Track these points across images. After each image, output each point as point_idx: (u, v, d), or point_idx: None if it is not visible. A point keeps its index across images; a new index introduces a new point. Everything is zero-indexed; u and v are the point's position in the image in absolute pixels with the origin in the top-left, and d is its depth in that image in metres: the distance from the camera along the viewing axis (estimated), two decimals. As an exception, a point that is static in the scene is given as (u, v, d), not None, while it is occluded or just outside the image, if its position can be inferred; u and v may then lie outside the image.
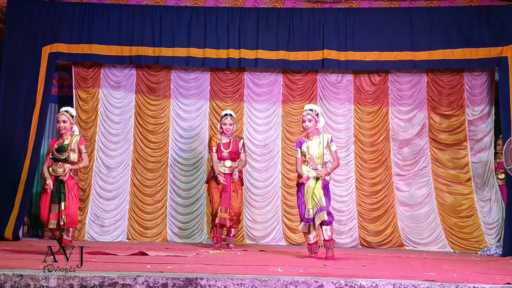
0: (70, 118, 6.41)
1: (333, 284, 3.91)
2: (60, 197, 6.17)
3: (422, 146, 9.21)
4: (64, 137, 6.37)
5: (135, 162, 9.25)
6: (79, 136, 6.44)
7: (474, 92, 9.16)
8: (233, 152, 7.78)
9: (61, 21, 8.86)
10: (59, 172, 6.24)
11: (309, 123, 6.41)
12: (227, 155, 7.75)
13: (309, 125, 6.41)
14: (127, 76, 9.41)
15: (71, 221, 6.16)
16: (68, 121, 6.38)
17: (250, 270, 4.52)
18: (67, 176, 6.21)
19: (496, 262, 6.79)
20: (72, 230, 6.21)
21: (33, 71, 8.65)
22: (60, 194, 6.18)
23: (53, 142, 6.42)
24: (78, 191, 6.54)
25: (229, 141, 7.83)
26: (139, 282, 3.86)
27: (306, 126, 6.43)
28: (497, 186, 8.92)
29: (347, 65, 8.97)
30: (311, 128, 6.42)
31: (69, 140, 6.35)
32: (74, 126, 6.48)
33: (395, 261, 6.35)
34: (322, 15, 8.97)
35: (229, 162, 7.76)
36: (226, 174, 7.70)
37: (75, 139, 6.37)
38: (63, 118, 6.35)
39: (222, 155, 7.76)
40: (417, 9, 9.00)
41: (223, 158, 7.77)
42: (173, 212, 9.16)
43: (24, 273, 3.91)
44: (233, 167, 7.75)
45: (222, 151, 7.77)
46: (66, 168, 6.24)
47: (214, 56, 8.92)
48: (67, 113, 6.41)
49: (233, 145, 7.79)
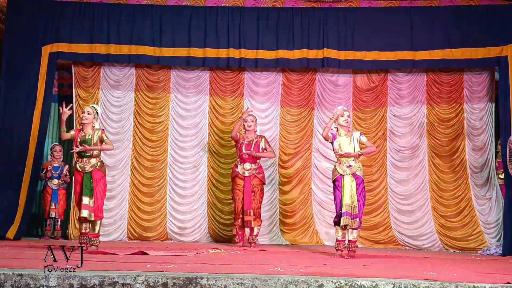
0: (95, 112, 6.65)
1: (333, 284, 3.92)
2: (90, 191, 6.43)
3: (420, 145, 9.20)
4: (86, 130, 6.55)
5: (134, 161, 9.25)
6: (100, 130, 6.63)
7: (474, 90, 9.15)
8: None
9: (61, 21, 8.85)
10: (87, 169, 6.46)
11: (349, 119, 6.72)
12: (246, 157, 7.85)
13: (348, 120, 6.72)
14: (127, 75, 9.40)
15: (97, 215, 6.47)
16: (92, 114, 6.61)
17: (250, 270, 4.52)
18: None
19: (496, 262, 6.80)
20: (99, 223, 6.52)
21: (33, 70, 8.65)
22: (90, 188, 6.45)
23: (77, 133, 6.60)
24: (106, 184, 6.77)
25: (250, 141, 7.91)
26: (139, 282, 3.86)
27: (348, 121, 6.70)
28: (497, 185, 8.91)
29: (347, 64, 8.97)
30: (346, 127, 6.68)
31: (91, 134, 6.52)
32: (96, 122, 6.67)
33: (395, 261, 6.35)
34: (322, 14, 8.96)
35: (248, 165, 7.86)
36: (246, 177, 7.84)
37: (97, 133, 6.54)
38: (88, 110, 6.63)
39: (242, 156, 7.89)
40: (417, 9, 8.99)
41: (243, 160, 7.88)
42: (172, 211, 9.16)
43: (24, 273, 3.91)
44: (252, 169, 7.87)
45: (242, 150, 7.89)
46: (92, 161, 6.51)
47: (214, 55, 8.92)
48: (94, 108, 6.71)
49: (254, 146, 7.88)
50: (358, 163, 6.61)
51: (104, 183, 6.64)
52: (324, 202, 9.11)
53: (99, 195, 6.49)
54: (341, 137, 6.65)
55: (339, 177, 6.56)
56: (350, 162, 6.57)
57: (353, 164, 6.56)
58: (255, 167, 7.93)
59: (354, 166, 6.56)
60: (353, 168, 6.55)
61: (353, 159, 6.58)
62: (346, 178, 6.50)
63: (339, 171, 6.57)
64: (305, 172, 9.29)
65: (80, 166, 6.50)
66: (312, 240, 9.02)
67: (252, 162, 7.90)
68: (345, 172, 6.53)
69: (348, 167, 6.55)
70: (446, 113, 9.18)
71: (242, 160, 7.91)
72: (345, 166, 6.56)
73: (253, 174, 7.89)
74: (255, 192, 7.88)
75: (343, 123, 6.66)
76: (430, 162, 9.14)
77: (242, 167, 7.90)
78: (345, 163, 6.58)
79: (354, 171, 6.54)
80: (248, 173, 7.87)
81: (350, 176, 6.51)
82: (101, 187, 6.54)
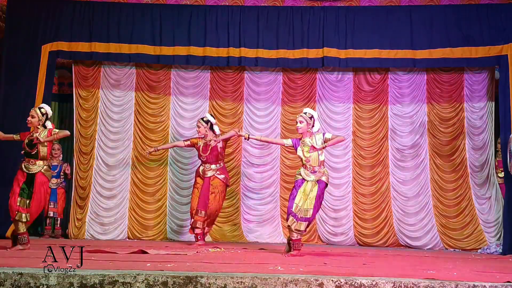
0: (39, 114, 6.57)
1: (333, 282, 3.92)
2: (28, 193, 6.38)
3: (422, 144, 9.20)
4: (33, 132, 6.54)
5: (135, 161, 9.25)
6: (46, 130, 6.55)
7: (474, 89, 9.16)
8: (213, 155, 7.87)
9: (61, 19, 8.85)
10: (32, 169, 6.45)
11: (300, 125, 6.63)
12: (205, 159, 7.89)
13: (300, 126, 6.63)
14: (127, 75, 9.40)
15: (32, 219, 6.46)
16: (37, 116, 6.55)
17: (250, 269, 4.52)
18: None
19: (496, 261, 6.80)
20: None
21: (33, 69, 8.63)
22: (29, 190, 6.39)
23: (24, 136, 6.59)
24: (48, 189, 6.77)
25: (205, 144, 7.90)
26: (139, 281, 3.86)
27: (298, 127, 6.65)
28: (497, 184, 8.92)
29: (347, 63, 8.95)
30: (302, 129, 6.63)
31: (38, 135, 6.48)
32: (47, 122, 6.61)
33: (395, 259, 6.36)
34: (322, 13, 8.94)
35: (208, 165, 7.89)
36: (205, 178, 7.84)
37: (43, 133, 6.49)
38: (31, 113, 6.57)
39: (201, 159, 7.93)
40: (417, 7, 8.98)
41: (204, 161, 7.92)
42: (173, 210, 9.16)
43: (24, 271, 3.91)
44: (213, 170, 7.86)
45: (201, 154, 7.91)
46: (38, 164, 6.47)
47: (214, 54, 8.90)
48: (38, 110, 6.61)
49: (211, 149, 7.86)
50: (323, 169, 6.58)
51: (47, 189, 6.62)
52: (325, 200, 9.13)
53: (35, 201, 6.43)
54: (304, 143, 6.62)
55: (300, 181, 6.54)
56: (315, 168, 6.53)
57: (317, 170, 6.53)
58: (218, 167, 7.89)
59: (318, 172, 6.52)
60: (317, 174, 6.52)
61: (317, 165, 6.52)
62: (308, 185, 6.47)
63: (303, 175, 6.54)
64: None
65: (26, 166, 6.50)
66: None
67: (214, 163, 7.88)
68: (308, 177, 6.51)
69: (313, 173, 6.53)
70: (446, 112, 9.18)
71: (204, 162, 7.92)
72: (310, 171, 6.54)
73: (214, 175, 7.85)
74: (215, 193, 7.79)
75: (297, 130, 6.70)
76: (432, 162, 9.14)
77: (203, 167, 7.91)
78: (309, 168, 6.55)
79: (319, 177, 6.51)
80: (209, 173, 7.86)
81: (312, 184, 6.48)
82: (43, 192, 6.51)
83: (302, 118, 6.64)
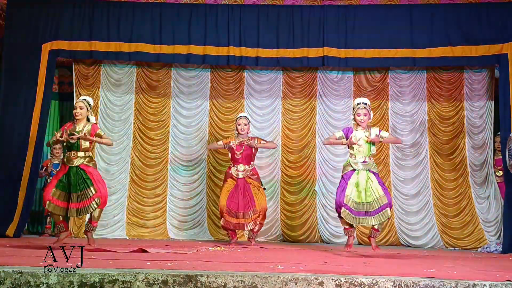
0: (87, 105, 6.52)
1: (333, 281, 3.91)
2: (85, 184, 6.27)
3: (422, 143, 9.20)
4: (78, 123, 6.45)
5: (134, 159, 9.26)
6: (90, 124, 6.49)
7: (474, 88, 9.17)
8: (246, 154, 7.72)
9: (61, 18, 8.84)
10: (74, 162, 6.34)
11: (365, 117, 6.43)
12: (239, 157, 7.70)
13: (364, 118, 6.42)
14: (127, 74, 9.41)
15: (103, 202, 6.40)
16: (85, 107, 6.48)
17: (250, 267, 4.51)
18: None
19: (496, 259, 6.79)
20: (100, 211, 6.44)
21: (33, 68, 8.62)
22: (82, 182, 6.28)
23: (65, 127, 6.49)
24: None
25: (242, 142, 7.74)
26: (139, 279, 3.86)
27: (362, 120, 6.41)
28: (495, 183, 8.92)
29: (347, 62, 8.94)
30: (366, 122, 6.45)
31: (81, 127, 6.42)
32: (90, 116, 6.56)
33: (395, 258, 6.35)
34: (322, 12, 8.93)
35: (242, 166, 7.73)
36: (239, 179, 7.69)
37: (87, 127, 6.44)
38: (79, 105, 6.48)
39: (235, 157, 7.73)
40: (417, 6, 8.97)
41: (236, 161, 7.74)
42: (173, 209, 9.17)
43: (24, 270, 3.91)
44: (246, 171, 7.71)
45: (235, 153, 7.72)
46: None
47: (214, 53, 8.88)
48: (85, 101, 6.54)
49: (245, 147, 7.71)
50: (372, 160, 6.46)
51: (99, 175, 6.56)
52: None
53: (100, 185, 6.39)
54: (358, 132, 6.47)
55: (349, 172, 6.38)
56: (366, 158, 6.39)
57: (368, 161, 6.40)
58: (249, 169, 7.76)
59: (369, 162, 6.40)
60: (367, 165, 6.39)
61: (368, 156, 6.39)
62: (360, 176, 6.31)
63: (353, 165, 6.39)
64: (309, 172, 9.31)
65: (67, 159, 6.40)
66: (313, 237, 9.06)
67: (246, 164, 7.75)
68: (357, 165, 6.37)
69: (363, 163, 6.38)
70: (446, 111, 9.18)
71: (236, 162, 7.75)
72: (360, 161, 6.39)
73: (247, 176, 7.71)
74: (256, 189, 7.68)
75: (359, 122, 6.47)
76: (432, 160, 9.15)
77: (235, 168, 7.75)
78: (360, 158, 6.40)
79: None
80: (242, 174, 7.72)
81: (364, 173, 6.33)
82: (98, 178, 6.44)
83: (366, 110, 6.45)
